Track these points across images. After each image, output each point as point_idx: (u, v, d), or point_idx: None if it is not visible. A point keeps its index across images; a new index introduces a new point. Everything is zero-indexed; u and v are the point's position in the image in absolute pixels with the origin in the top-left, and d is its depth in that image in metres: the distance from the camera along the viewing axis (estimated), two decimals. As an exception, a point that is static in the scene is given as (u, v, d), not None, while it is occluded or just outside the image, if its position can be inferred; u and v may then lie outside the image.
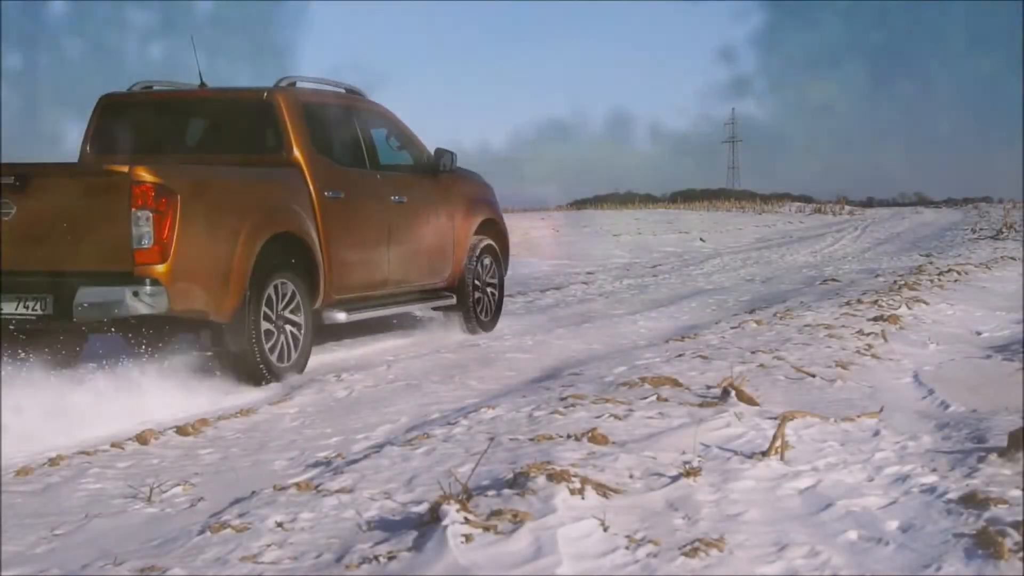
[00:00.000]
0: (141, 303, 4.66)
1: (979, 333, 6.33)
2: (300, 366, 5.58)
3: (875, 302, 7.46)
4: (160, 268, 4.73)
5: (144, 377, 4.84)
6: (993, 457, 2.98)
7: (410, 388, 5.09)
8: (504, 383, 5.20)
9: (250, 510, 2.87)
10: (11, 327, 4.82)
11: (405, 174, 6.84)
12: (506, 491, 2.71)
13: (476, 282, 7.31)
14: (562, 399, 4.15)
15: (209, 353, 5.23)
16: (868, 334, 5.87)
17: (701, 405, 3.92)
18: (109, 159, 5.70)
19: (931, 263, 12.60)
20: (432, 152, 6.93)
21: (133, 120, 6.28)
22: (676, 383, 4.38)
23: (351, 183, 6.16)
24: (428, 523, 2.50)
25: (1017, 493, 2.61)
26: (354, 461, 3.43)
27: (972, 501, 2.58)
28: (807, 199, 51.14)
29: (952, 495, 2.68)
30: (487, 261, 7.50)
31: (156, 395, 4.73)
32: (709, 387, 4.31)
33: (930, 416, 3.87)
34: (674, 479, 2.88)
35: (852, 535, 2.45)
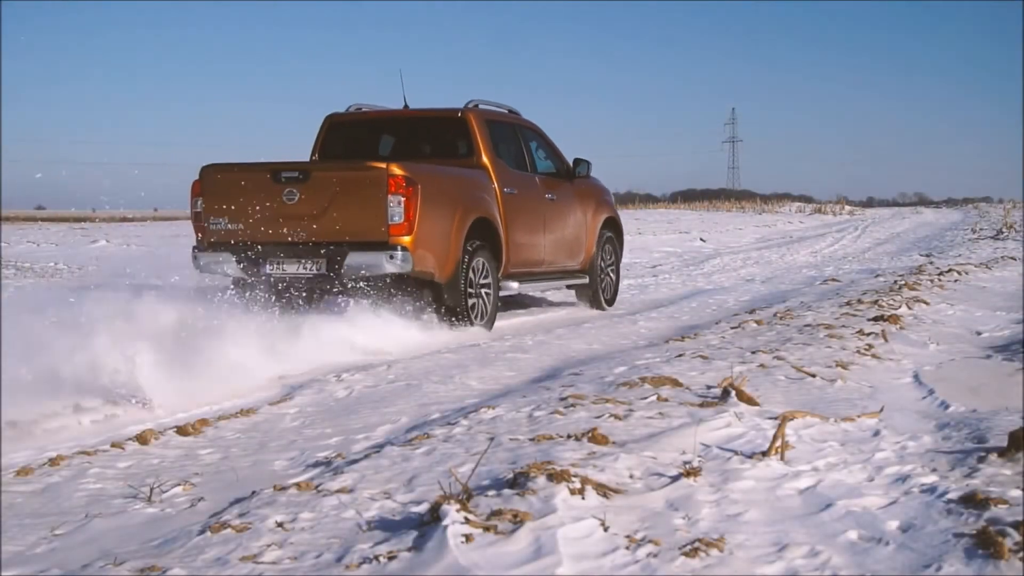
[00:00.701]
0: (393, 264, 6.44)
1: (979, 333, 6.33)
2: (490, 322, 7.41)
3: (875, 302, 7.46)
4: (407, 239, 6.49)
5: (390, 318, 6.58)
6: (993, 457, 2.98)
7: (410, 388, 5.08)
8: (504, 383, 5.20)
9: (250, 510, 2.86)
10: (295, 282, 6.63)
11: (552, 177, 8.61)
12: (506, 491, 2.71)
13: (602, 266, 9.16)
14: (562, 399, 4.15)
15: (431, 305, 6.89)
16: (868, 334, 5.87)
17: (701, 405, 3.92)
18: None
19: (931, 263, 12.61)
20: (569, 160, 8.83)
21: (352, 134, 8.23)
22: (676, 383, 4.37)
23: (520, 183, 8.00)
24: (428, 523, 2.50)
25: (1017, 493, 2.61)
26: (354, 461, 3.42)
27: (972, 501, 2.58)
28: (807, 199, 51.23)
29: (952, 495, 2.68)
30: (608, 249, 9.34)
31: (400, 330, 6.50)
32: (709, 387, 4.31)
33: (930, 416, 3.87)
34: (674, 479, 2.88)
35: (852, 535, 2.45)
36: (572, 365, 5.55)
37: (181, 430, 4.22)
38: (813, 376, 4.63)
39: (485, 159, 7.61)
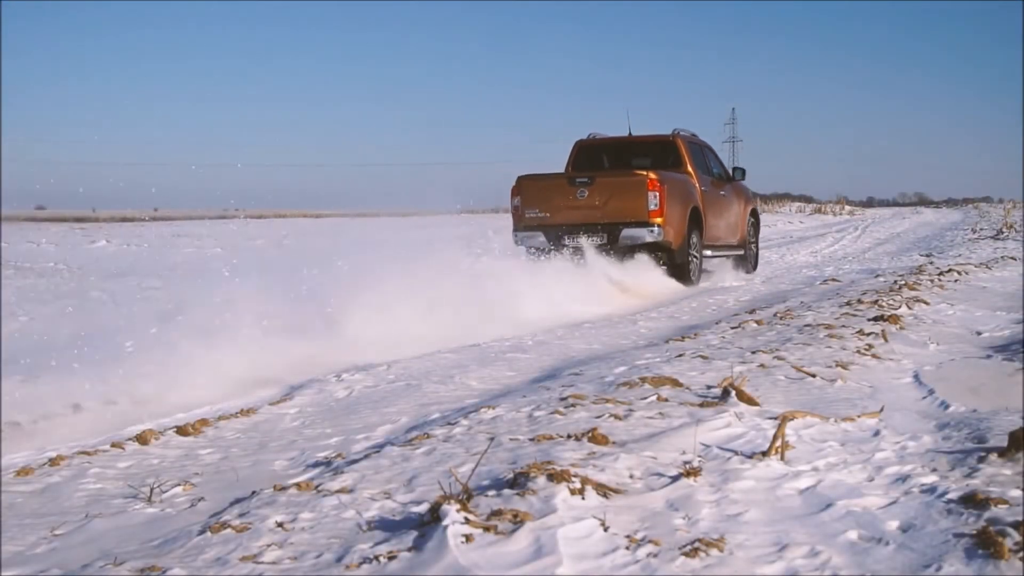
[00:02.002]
0: (652, 235, 9.98)
1: (979, 333, 6.32)
2: (698, 279, 10.90)
3: (875, 302, 7.46)
4: (659, 220, 10.03)
5: (643, 270, 10.16)
6: (993, 457, 2.98)
7: (410, 388, 5.08)
8: (504, 383, 5.20)
9: (250, 510, 2.86)
10: (587, 249, 9.98)
11: (720, 180, 12.16)
12: (506, 491, 2.71)
13: (750, 242, 13.06)
14: (562, 399, 4.15)
15: (666, 264, 10.39)
16: (868, 334, 5.87)
17: (701, 405, 3.91)
18: (596, 171, 11.17)
19: (931, 263, 12.60)
20: (729, 168, 12.60)
21: (593, 152, 11.72)
22: (676, 383, 4.37)
23: (708, 184, 11.55)
24: (428, 523, 2.50)
25: (1017, 493, 2.61)
26: (354, 461, 3.42)
27: (972, 501, 2.58)
28: (807, 199, 51.15)
29: (952, 495, 2.68)
30: (752, 232, 13.16)
31: (649, 277, 10.12)
32: (709, 387, 4.31)
33: (930, 416, 3.87)
34: (674, 479, 2.88)
35: (852, 535, 2.45)
36: (572, 365, 5.54)
37: (181, 430, 4.22)
38: (813, 376, 4.63)
39: (689, 168, 11.18)
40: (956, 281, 9.66)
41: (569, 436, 3.42)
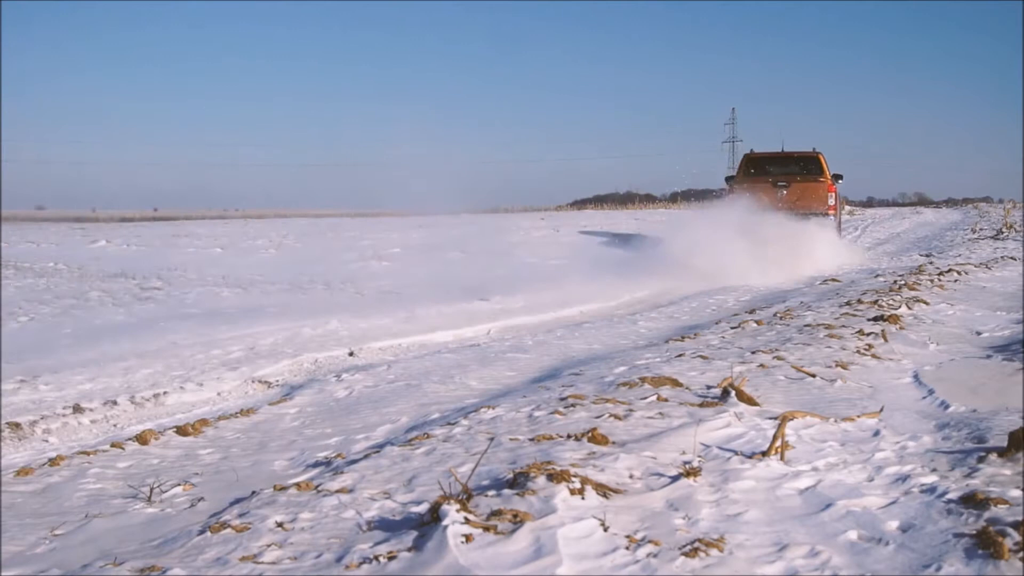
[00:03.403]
0: (826, 219, 14.61)
1: (979, 333, 6.32)
2: (842, 236, 16.34)
3: (875, 302, 7.46)
4: (832, 212, 14.95)
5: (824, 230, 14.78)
6: (993, 457, 2.98)
7: (410, 388, 5.08)
8: (504, 383, 5.20)
9: (250, 510, 2.86)
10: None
11: (831, 181, 15.38)
12: (506, 491, 2.71)
13: (840, 221, 16.73)
14: (562, 399, 4.15)
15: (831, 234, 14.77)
16: (868, 334, 5.87)
17: (701, 405, 3.91)
18: (764, 179, 15.32)
19: (931, 263, 12.60)
20: (830, 170, 15.72)
21: (758, 163, 15.67)
22: (676, 383, 4.37)
23: (832, 186, 15.40)
24: (428, 523, 2.50)
25: (1017, 493, 2.61)
26: (354, 461, 3.42)
27: (972, 501, 2.58)
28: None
29: (952, 495, 2.68)
30: (836, 206, 15.81)
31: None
32: (709, 387, 4.31)
33: (930, 416, 3.87)
34: (674, 479, 2.88)
35: (852, 535, 2.45)
36: (572, 365, 5.54)
37: (181, 430, 4.22)
38: (813, 376, 4.63)
39: (827, 176, 15.19)
40: (956, 281, 9.67)
41: (569, 436, 3.41)
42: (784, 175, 15.32)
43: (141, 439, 4.05)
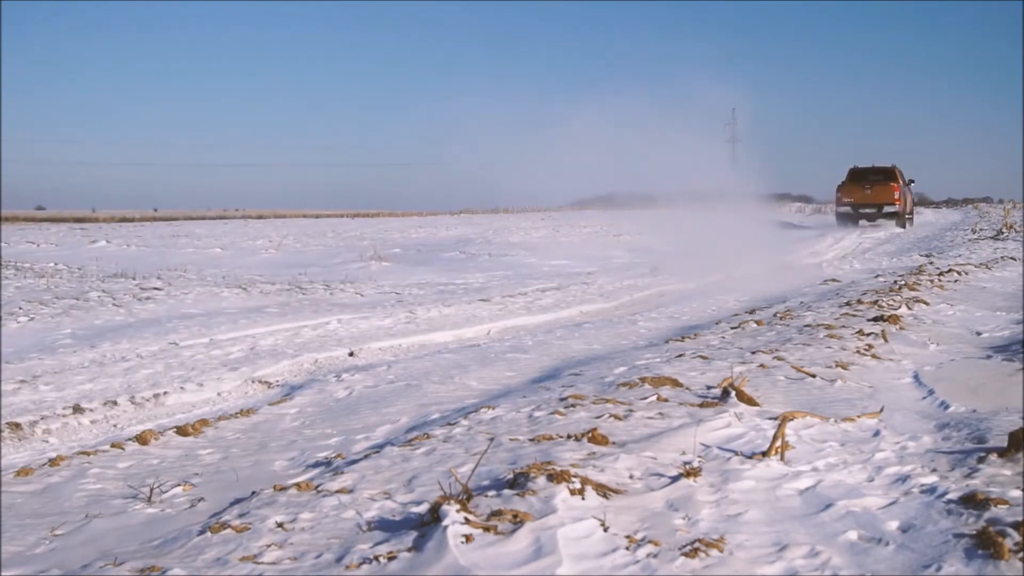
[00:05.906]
0: (895, 209, 24.82)
1: (979, 333, 6.32)
2: (911, 226, 26.06)
3: (875, 302, 7.46)
4: (899, 206, 24.69)
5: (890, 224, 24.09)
6: (993, 457, 2.98)
7: (410, 388, 5.08)
8: (504, 383, 5.20)
9: (250, 510, 2.86)
10: (868, 215, 24.91)
11: (907, 184, 26.06)
12: (506, 491, 2.71)
13: (913, 214, 27.82)
14: (562, 399, 4.15)
15: (898, 223, 24.66)
16: (868, 334, 5.87)
17: (701, 405, 3.91)
18: (860, 185, 25.72)
19: (931, 263, 12.60)
20: (904, 176, 25.95)
21: (859, 173, 25.54)
22: (676, 383, 4.37)
23: (902, 186, 25.23)
24: (428, 523, 2.50)
25: (1017, 493, 2.61)
26: (354, 461, 3.42)
27: (972, 501, 2.58)
28: (807, 199, 51.10)
29: (952, 495, 2.68)
30: (911, 208, 27.06)
31: (892, 227, 24.20)
32: (709, 387, 4.31)
33: (930, 416, 3.87)
34: (674, 479, 2.88)
35: (852, 535, 2.45)
36: (572, 365, 5.54)
37: (181, 430, 4.22)
38: (813, 376, 4.63)
39: (897, 180, 24.47)
40: (956, 281, 9.67)
41: (569, 436, 3.41)
42: (870, 181, 24.64)
43: (141, 439, 4.05)
